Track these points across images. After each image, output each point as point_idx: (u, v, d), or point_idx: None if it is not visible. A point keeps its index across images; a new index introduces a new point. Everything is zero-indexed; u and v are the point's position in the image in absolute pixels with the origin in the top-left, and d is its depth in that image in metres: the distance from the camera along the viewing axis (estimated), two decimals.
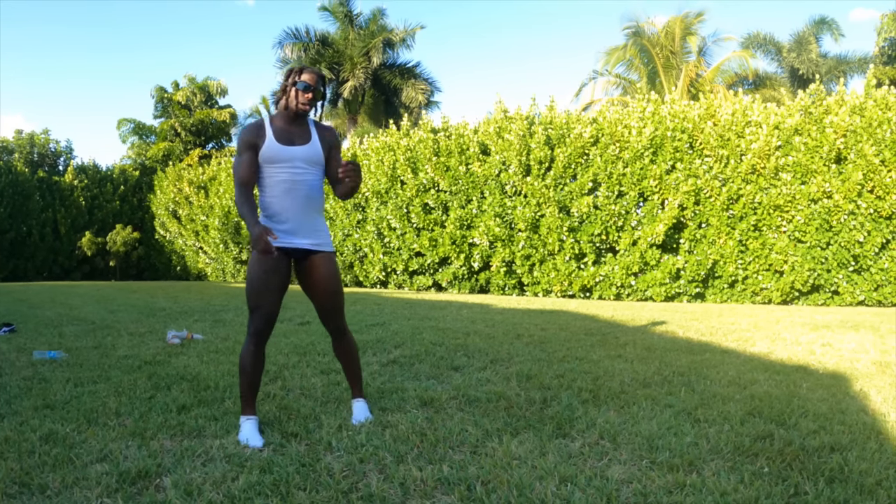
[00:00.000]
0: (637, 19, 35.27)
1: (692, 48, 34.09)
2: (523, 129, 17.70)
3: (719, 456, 3.74)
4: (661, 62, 33.63)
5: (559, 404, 4.82)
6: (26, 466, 3.65)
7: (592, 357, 6.83)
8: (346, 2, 36.31)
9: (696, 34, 33.91)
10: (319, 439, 4.08)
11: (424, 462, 3.67)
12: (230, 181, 26.17)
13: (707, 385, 5.50)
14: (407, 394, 5.19)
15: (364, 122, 38.43)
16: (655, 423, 4.34)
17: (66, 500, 3.23)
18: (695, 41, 33.87)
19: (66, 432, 4.25)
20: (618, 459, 3.69)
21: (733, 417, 4.48)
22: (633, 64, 35.52)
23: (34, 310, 12.96)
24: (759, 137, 14.83)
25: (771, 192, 14.68)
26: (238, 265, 26.14)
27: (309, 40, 36.22)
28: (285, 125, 4.38)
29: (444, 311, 11.95)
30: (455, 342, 7.84)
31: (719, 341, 8.18)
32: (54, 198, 32.05)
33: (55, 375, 6.14)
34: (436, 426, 4.30)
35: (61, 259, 31.98)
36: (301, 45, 36.06)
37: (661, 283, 15.60)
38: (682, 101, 16.76)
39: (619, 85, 36.55)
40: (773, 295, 14.75)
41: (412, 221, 19.38)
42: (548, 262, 17.18)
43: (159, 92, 38.82)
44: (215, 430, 4.31)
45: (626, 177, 16.08)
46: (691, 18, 33.75)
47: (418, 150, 19.78)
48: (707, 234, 15.32)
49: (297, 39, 36.19)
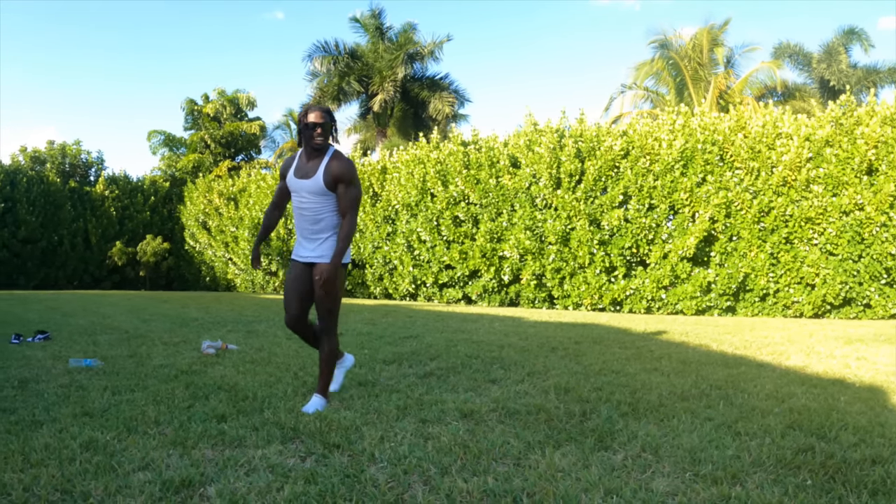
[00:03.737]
0: (664, 32, 35.28)
1: (720, 59, 34.00)
2: (553, 142, 17.71)
3: (762, 469, 3.75)
4: (689, 74, 33.58)
5: (599, 417, 4.85)
6: (68, 474, 3.67)
7: (629, 370, 6.83)
8: (378, 14, 36.47)
9: (722, 45, 33.83)
10: (362, 450, 4.08)
11: (469, 474, 3.68)
12: (260, 193, 26.32)
13: (745, 398, 5.50)
14: (446, 405, 5.21)
15: (393, 135, 38.52)
16: (696, 435, 4.35)
17: None
18: (722, 52, 33.79)
19: (106, 440, 4.27)
20: (661, 472, 3.71)
21: (774, 430, 4.49)
22: (662, 77, 35.49)
23: (67, 318, 13.07)
24: (789, 149, 14.74)
25: (802, 204, 14.58)
26: (267, 276, 26.24)
27: (338, 53, 36.40)
28: (306, 160, 5.25)
29: (476, 323, 11.96)
30: (490, 355, 7.86)
31: (754, 355, 8.16)
32: (85, 208, 32.25)
33: (92, 383, 6.20)
34: (477, 438, 4.32)
35: (92, 268, 32.15)
36: (331, 59, 36.24)
37: (692, 296, 15.54)
38: (712, 113, 16.71)
39: (647, 98, 36.54)
40: (804, 308, 14.64)
41: (442, 234, 19.41)
42: (578, 275, 17.15)
43: (189, 104, 39.13)
44: (256, 440, 4.33)
45: (656, 189, 16.04)
46: (717, 29, 33.67)
47: (448, 162, 19.81)
48: (738, 247, 15.24)
49: (327, 52, 36.38)
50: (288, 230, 24.89)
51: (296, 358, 7.69)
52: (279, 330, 10.72)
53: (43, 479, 3.57)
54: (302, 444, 4.27)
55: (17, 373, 6.83)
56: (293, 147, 42.62)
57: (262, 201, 26.00)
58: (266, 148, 42.52)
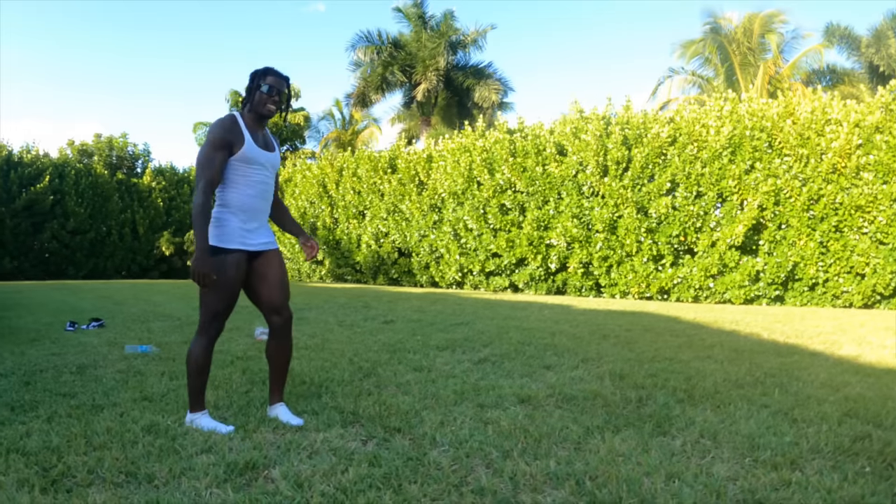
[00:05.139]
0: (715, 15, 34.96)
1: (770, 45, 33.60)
2: (600, 130, 17.65)
3: (820, 455, 3.78)
4: (737, 59, 33.23)
5: (655, 403, 4.89)
6: (131, 456, 3.72)
7: (682, 357, 6.86)
8: (420, 3, 36.52)
9: (775, 31, 33.42)
10: (423, 434, 4.14)
11: (530, 457, 3.73)
12: (305, 183, 26.46)
13: (800, 387, 5.51)
14: (503, 391, 5.27)
15: (437, 124, 38.57)
16: (753, 422, 4.38)
17: (175, 490, 3.29)
18: (774, 39, 33.38)
19: (167, 424, 4.35)
20: (720, 457, 3.75)
21: (830, 418, 4.50)
22: (710, 60, 35.15)
23: (119, 306, 13.30)
24: (839, 136, 14.55)
25: (852, 191, 14.38)
26: (313, 265, 26.40)
27: (381, 43, 36.54)
28: (252, 127, 4.43)
29: (525, 311, 12.00)
30: (542, 341, 7.91)
31: (806, 344, 8.13)
32: (133, 199, 32.87)
33: (149, 369, 6.33)
34: (536, 423, 4.37)
35: (140, 258, 32.75)
36: (374, 48, 36.39)
37: (741, 285, 15.43)
38: (760, 99, 16.54)
39: (695, 83, 36.21)
40: (854, 298, 14.47)
41: (489, 222, 19.44)
42: (625, 263, 17.11)
43: (234, 96, 39.39)
44: (317, 424, 4.39)
45: (704, 177, 15.94)
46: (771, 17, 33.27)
47: (494, 150, 19.81)
48: (787, 236, 15.10)
49: (370, 42, 36.55)
50: (334, 218, 25.02)
51: (349, 344, 7.81)
52: (330, 317, 10.85)
53: (107, 462, 3.63)
54: (362, 427, 4.33)
55: (75, 359, 6.97)
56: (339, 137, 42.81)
57: (307, 191, 26.18)
58: (311, 138, 42.79)
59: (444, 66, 35.20)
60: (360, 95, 37.59)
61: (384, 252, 22.80)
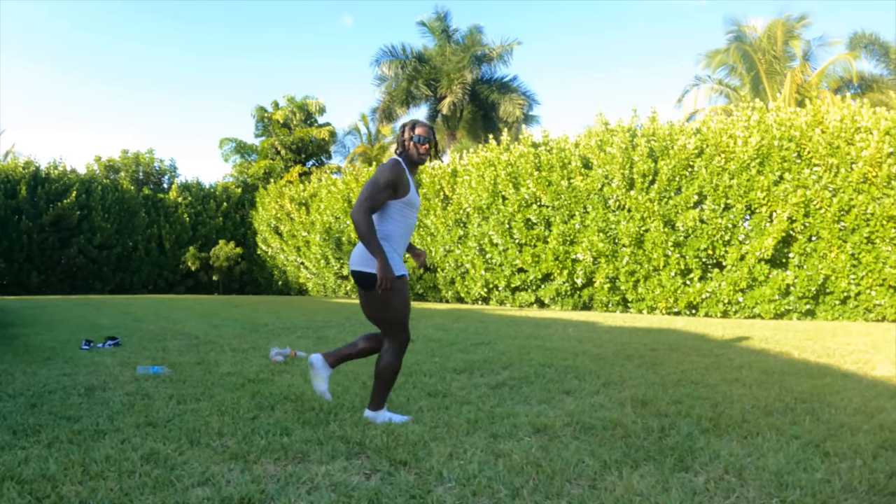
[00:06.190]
0: (738, 23, 34.69)
1: (795, 52, 33.23)
2: (625, 142, 17.44)
3: (853, 495, 3.52)
4: (763, 67, 32.89)
5: (678, 433, 4.64)
6: (126, 487, 3.62)
7: (708, 381, 6.59)
8: (444, 17, 36.55)
9: (799, 38, 33.05)
10: (430, 468, 3.94)
11: (541, 496, 3.52)
12: (331, 198, 26.47)
13: (832, 414, 5.23)
14: (518, 419, 5.05)
15: (463, 138, 38.55)
16: (783, 456, 4.12)
17: None
18: (798, 45, 33.01)
19: (167, 452, 4.22)
20: (745, 497, 3.50)
21: (864, 451, 4.22)
22: (736, 69, 34.86)
23: (138, 323, 13.27)
24: (869, 144, 14.21)
25: (884, 202, 14.00)
26: (339, 280, 26.34)
27: (406, 58, 36.56)
28: (410, 173, 5.05)
29: (549, 329, 11.79)
30: (564, 363, 7.69)
31: (838, 364, 7.85)
32: (159, 214, 33.13)
33: (158, 392, 6.21)
34: (551, 456, 4.14)
35: (166, 273, 33.06)
36: (398, 63, 36.41)
37: (770, 299, 15.11)
38: (788, 108, 16.24)
39: (721, 92, 35.91)
40: (886, 312, 14.08)
41: (514, 237, 19.27)
42: (652, 277, 16.84)
43: (259, 112, 39.65)
44: (320, 455, 4.22)
45: (732, 189, 15.65)
46: (793, 22, 32.94)
47: (519, 164, 19.66)
48: (818, 248, 14.75)
49: (394, 57, 36.58)
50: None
51: (365, 366, 7.59)
52: (349, 335, 10.69)
53: (101, 493, 3.53)
54: (367, 459, 4.15)
55: (85, 380, 6.89)
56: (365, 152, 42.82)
57: (332, 206, 26.18)
58: (336, 153, 42.89)
59: (470, 79, 35.15)
60: (385, 110, 37.59)
61: (409, 267, 22.66)
